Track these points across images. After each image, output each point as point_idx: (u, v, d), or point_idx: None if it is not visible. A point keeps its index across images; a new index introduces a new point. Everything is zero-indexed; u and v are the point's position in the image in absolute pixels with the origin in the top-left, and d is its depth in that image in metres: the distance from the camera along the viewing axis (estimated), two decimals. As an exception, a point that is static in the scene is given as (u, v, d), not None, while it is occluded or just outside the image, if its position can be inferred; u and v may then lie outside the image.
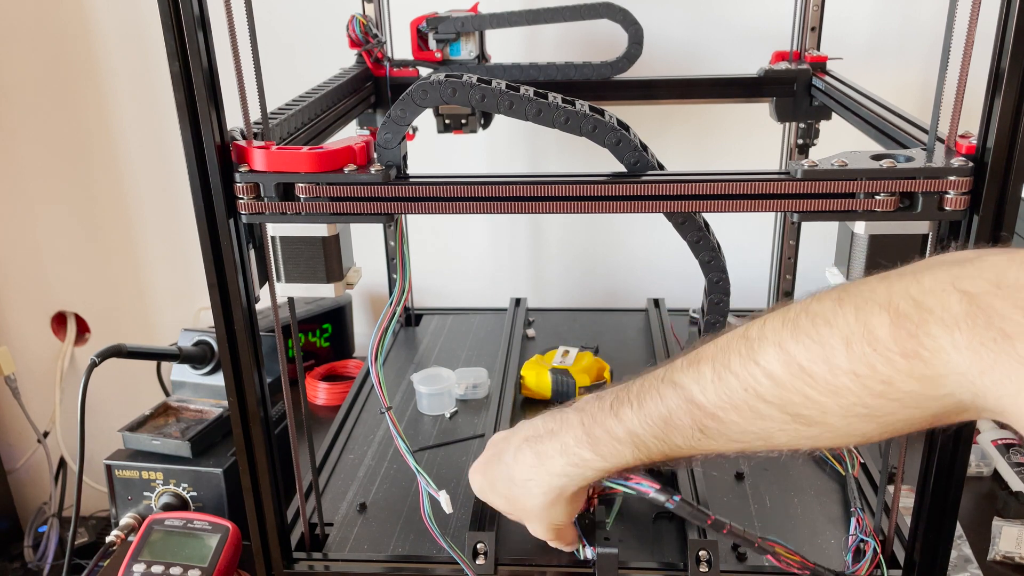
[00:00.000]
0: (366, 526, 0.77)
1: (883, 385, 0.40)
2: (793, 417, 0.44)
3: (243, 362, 0.64)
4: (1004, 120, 0.54)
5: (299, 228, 0.62)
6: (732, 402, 0.46)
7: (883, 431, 0.43)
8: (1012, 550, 0.83)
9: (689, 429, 0.49)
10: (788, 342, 0.43)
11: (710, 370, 0.48)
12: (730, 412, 0.47)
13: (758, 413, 0.45)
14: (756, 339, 0.45)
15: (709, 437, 0.48)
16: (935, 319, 0.38)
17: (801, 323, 0.43)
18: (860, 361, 0.40)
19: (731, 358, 0.46)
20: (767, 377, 0.44)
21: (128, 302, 1.43)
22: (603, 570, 0.67)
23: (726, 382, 0.46)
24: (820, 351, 0.42)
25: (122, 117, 1.31)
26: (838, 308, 0.42)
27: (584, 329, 1.15)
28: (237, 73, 0.58)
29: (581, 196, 0.60)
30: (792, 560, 0.63)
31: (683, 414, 0.49)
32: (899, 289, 0.40)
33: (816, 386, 0.42)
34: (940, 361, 0.38)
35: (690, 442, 0.50)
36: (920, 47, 1.15)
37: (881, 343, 0.40)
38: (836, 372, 0.41)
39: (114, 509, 0.88)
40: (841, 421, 0.43)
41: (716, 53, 1.18)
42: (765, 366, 0.44)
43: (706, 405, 0.48)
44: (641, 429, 0.51)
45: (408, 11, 1.01)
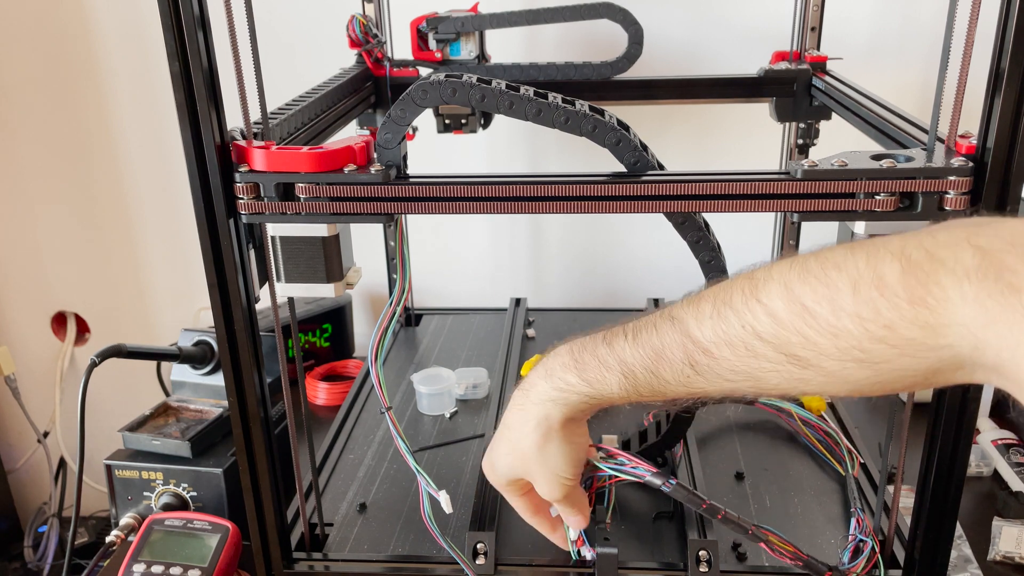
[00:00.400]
0: (366, 526, 0.77)
1: (885, 330, 0.40)
2: (788, 357, 0.44)
3: (243, 362, 0.64)
4: (1004, 120, 0.54)
5: (299, 228, 0.62)
6: (727, 338, 0.46)
7: (875, 379, 0.42)
8: (1012, 550, 0.83)
9: (680, 363, 0.49)
10: (794, 282, 0.43)
11: (710, 306, 0.47)
12: (723, 348, 0.46)
13: (752, 351, 0.45)
14: (761, 279, 0.45)
15: (699, 374, 0.48)
16: (946, 270, 0.38)
17: (810, 265, 0.43)
18: (865, 304, 0.40)
19: (733, 295, 0.46)
20: (767, 315, 0.44)
21: (128, 302, 1.43)
22: (603, 570, 0.67)
23: (724, 317, 0.46)
24: (826, 292, 0.42)
25: (122, 117, 1.31)
26: (849, 254, 0.42)
27: (584, 329, 1.14)
28: (237, 73, 0.58)
29: (581, 196, 0.60)
30: (785, 550, 0.62)
31: (677, 347, 0.49)
32: (914, 242, 0.40)
33: (817, 326, 0.42)
34: (945, 310, 0.38)
35: (679, 377, 0.49)
36: (920, 47, 1.15)
37: (889, 288, 0.40)
38: (839, 313, 0.41)
39: (114, 509, 0.88)
40: (836, 364, 0.42)
41: (716, 53, 1.18)
42: (767, 303, 0.44)
43: (701, 340, 0.47)
44: (632, 358, 0.51)
45: (408, 11, 1.01)
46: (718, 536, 0.70)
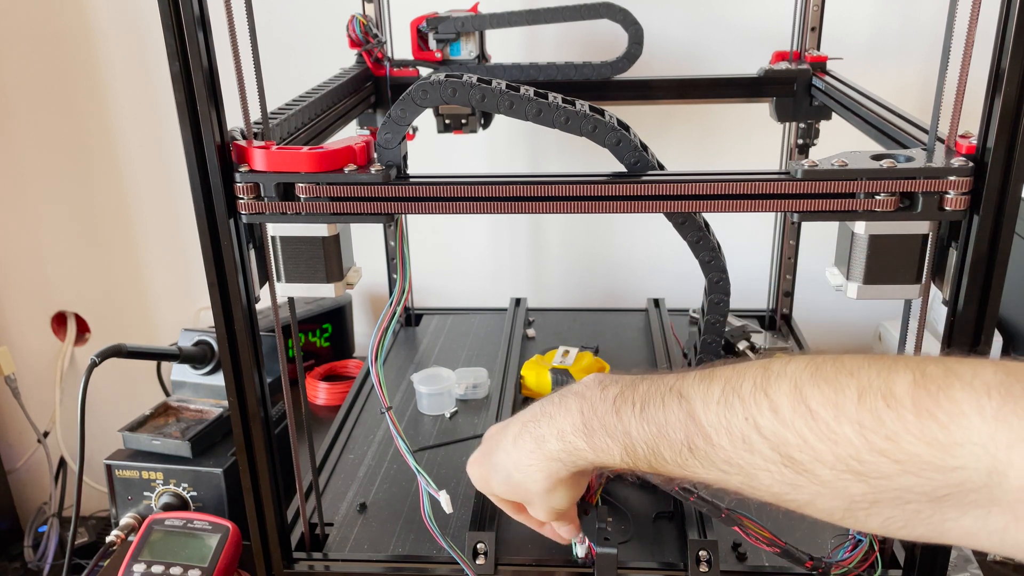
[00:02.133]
0: (366, 526, 0.77)
1: (886, 442, 0.38)
2: (783, 458, 0.42)
3: (243, 362, 0.64)
4: (1004, 120, 0.54)
5: (299, 228, 0.62)
6: (728, 426, 0.45)
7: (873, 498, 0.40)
8: (1012, 550, 0.83)
9: (680, 444, 0.47)
10: (805, 383, 0.42)
11: (719, 390, 0.46)
12: (723, 436, 0.45)
13: (750, 445, 0.44)
14: (775, 373, 0.44)
15: (695, 458, 0.47)
16: (962, 384, 0.36)
17: (825, 369, 0.42)
18: (869, 412, 0.38)
19: (744, 383, 0.45)
20: (771, 410, 0.43)
21: (128, 302, 1.43)
22: (603, 570, 0.67)
23: (731, 404, 0.45)
24: (832, 396, 0.40)
25: (122, 117, 1.31)
26: (866, 363, 0.41)
27: (584, 329, 1.15)
28: (237, 73, 0.58)
29: (581, 196, 0.60)
30: (761, 536, 0.62)
31: (679, 427, 0.47)
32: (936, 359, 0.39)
33: (817, 430, 0.40)
34: (958, 426, 0.36)
35: (677, 459, 0.48)
36: (920, 47, 1.15)
37: (896, 398, 0.38)
38: (840, 419, 0.39)
39: (114, 509, 0.88)
40: (830, 474, 0.40)
41: (716, 53, 1.18)
42: (773, 398, 0.43)
43: (703, 423, 0.46)
44: (636, 432, 0.50)
45: (408, 11, 1.01)
46: (718, 536, 0.70)
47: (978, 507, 0.36)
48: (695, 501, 0.62)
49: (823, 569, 0.65)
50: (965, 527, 0.38)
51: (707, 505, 0.62)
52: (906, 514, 0.39)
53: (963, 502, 0.37)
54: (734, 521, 0.62)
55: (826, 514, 0.43)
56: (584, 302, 1.35)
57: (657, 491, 0.66)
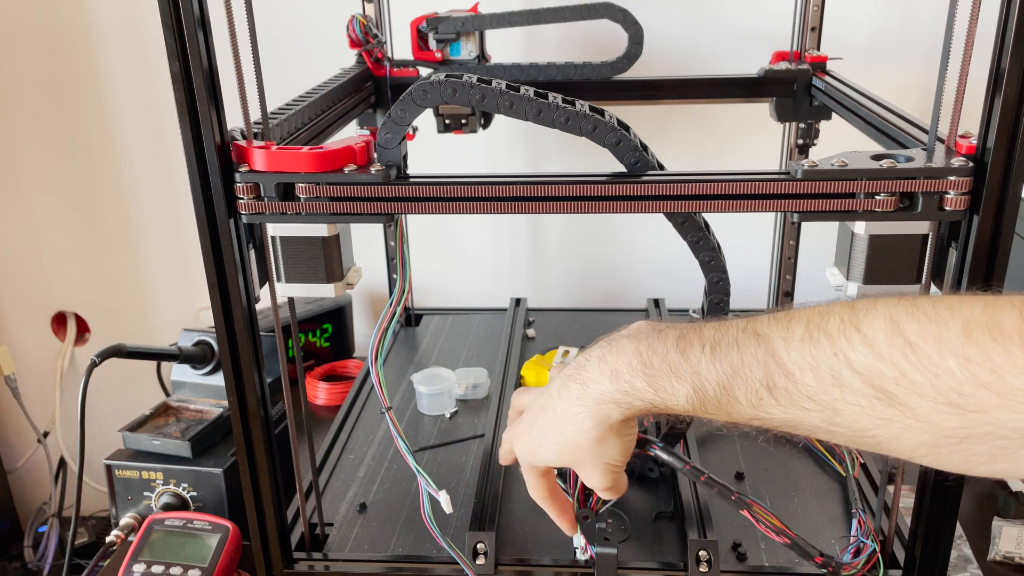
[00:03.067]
0: (366, 526, 0.77)
1: (991, 375, 0.38)
2: (876, 392, 0.41)
3: (243, 362, 0.64)
4: (1004, 120, 0.54)
5: (299, 228, 0.62)
6: (815, 363, 0.44)
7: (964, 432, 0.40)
8: (1012, 550, 0.83)
9: (757, 383, 0.46)
10: (902, 316, 0.41)
11: (802, 329, 0.45)
12: (808, 373, 0.44)
13: (839, 380, 0.43)
14: (864, 308, 0.43)
15: (773, 397, 0.46)
16: None
17: (921, 303, 0.41)
18: (975, 346, 0.38)
19: (830, 321, 0.44)
20: (865, 344, 0.42)
21: (128, 302, 1.43)
22: (603, 570, 0.67)
23: (816, 341, 0.44)
24: (934, 329, 0.40)
25: (122, 117, 1.31)
26: (966, 299, 0.40)
27: (584, 329, 1.15)
28: (237, 73, 0.58)
29: (581, 196, 0.60)
30: (771, 523, 0.61)
31: (757, 365, 0.46)
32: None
33: (918, 363, 0.40)
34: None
35: (751, 398, 0.47)
36: (920, 47, 1.15)
37: (1004, 334, 0.38)
38: (944, 352, 0.39)
39: (114, 509, 0.88)
40: (928, 406, 0.40)
41: (716, 53, 1.18)
42: (867, 333, 0.42)
43: (785, 361, 0.45)
44: (707, 371, 0.48)
45: (408, 11, 1.01)
46: (718, 536, 0.70)
47: None
48: (706, 481, 0.61)
49: (833, 568, 0.64)
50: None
51: (718, 486, 0.61)
52: (992, 450, 0.40)
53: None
54: (744, 505, 0.60)
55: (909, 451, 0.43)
56: (584, 302, 1.35)
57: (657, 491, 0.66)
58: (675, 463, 0.62)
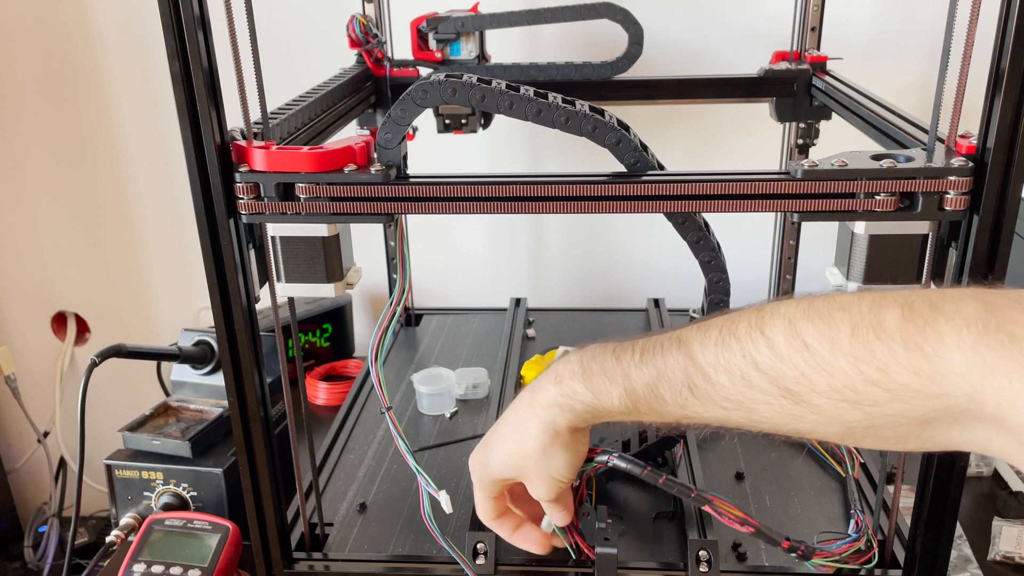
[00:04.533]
0: (366, 526, 0.77)
1: (878, 373, 0.40)
2: (781, 391, 0.44)
3: (243, 362, 0.64)
4: (1004, 120, 0.54)
5: (299, 228, 0.62)
6: (727, 365, 0.47)
7: (867, 423, 0.42)
8: (1012, 550, 0.83)
9: (679, 385, 0.49)
10: (799, 319, 0.44)
11: (716, 333, 0.48)
12: (722, 374, 0.47)
13: (748, 381, 0.46)
14: (769, 312, 0.46)
15: (696, 397, 0.49)
16: (946, 318, 0.39)
17: (817, 305, 0.44)
18: (862, 345, 0.41)
19: (739, 325, 0.47)
20: (768, 347, 0.45)
21: (128, 302, 1.43)
22: (603, 570, 0.67)
23: (727, 344, 0.47)
24: (827, 330, 0.43)
25: (122, 117, 1.31)
26: (856, 300, 0.43)
27: (584, 329, 1.15)
28: (237, 73, 0.58)
29: (581, 196, 0.60)
30: (733, 514, 0.61)
31: (678, 368, 0.49)
32: (921, 294, 0.41)
33: (813, 362, 0.43)
34: (941, 358, 0.38)
35: (676, 399, 0.50)
36: (920, 47, 1.15)
37: (886, 332, 0.40)
38: (835, 352, 0.42)
39: (114, 509, 0.88)
40: (828, 403, 0.43)
41: (716, 53, 1.18)
42: (769, 335, 0.45)
43: (702, 363, 0.48)
44: (635, 374, 0.52)
45: (408, 11, 1.01)
46: (718, 536, 0.70)
47: (962, 424, 0.40)
48: (664, 483, 0.62)
49: (803, 551, 0.64)
50: (952, 439, 0.41)
51: (676, 487, 0.62)
52: (898, 434, 0.43)
53: (949, 421, 0.40)
54: (704, 500, 0.62)
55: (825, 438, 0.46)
56: (584, 302, 1.35)
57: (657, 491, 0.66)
58: (633, 469, 0.63)
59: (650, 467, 0.62)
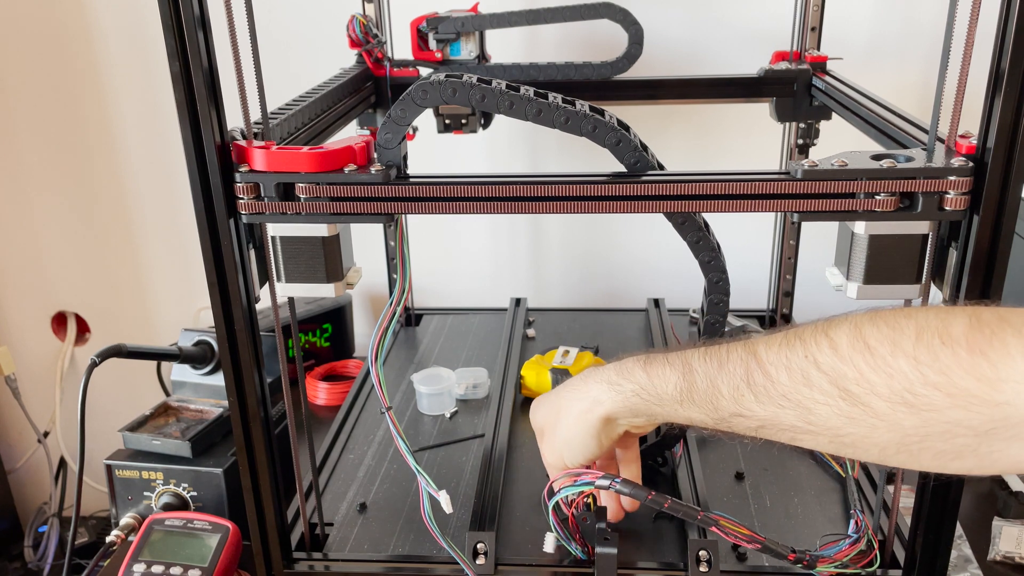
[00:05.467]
0: (366, 526, 0.77)
1: (939, 375, 0.41)
2: (840, 392, 0.45)
3: (243, 362, 0.64)
4: (1004, 120, 0.54)
5: (299, 228, 0.62)
6: (788, 363, 0.48)
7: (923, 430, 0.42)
8: (1012, 550, 0.83)
9: (738, 378, 0.51)
10: (864, 323, 0.45)
11: (782, 336, 0.50)
12: (782, 371, 0.48)
13: (808, 380, 0.47)
14: (837, 319, 0.47)
15: (752, 392, 0.50)
16: (1013, 330, 0.39)
17: (884, 313, 0.45)
18: (925, 349, 0.41)
19: (805, 330, 0.48)
20: (830, 347, 0.46)
21: (128, 302, 1.43)
22: (603, 570, 0.67)
23: (791, 345, 0.48)
24: (890, 333, 0.43)
25: (122, 117, 1.31)
26: (924, 309, 0.44)
27: (584, 329, 1.15)
28: (237, 73, 0.58)
29: (581, 196, 0.60)
30: (740, 533, 0.62)
31: (739, 362, 0.51)
32: (991, 308, 0.42)
33: (874, 363, 0.43)
34: (1006, 365, 0.39)
35: (733, 392, 0.51)
36: (920, 47, 1.15)
37: (951, 338, 0.41)
38: (897, 354, 0.42)
39: (114, 509, 0.88)
40: (885, 406, 0.43)
41: (716, 53, 1.18)
42: (833, 337, 0.46)
43: (763, 359, 0.49)
44: (697, 363, 0.54)
45: (408, 11, 1.01)
46: (718, 536, 0.70)
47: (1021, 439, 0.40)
48: (670, 507, 0.62)
49: (807, 561, 0.65)
50: (1011, 456, 0.41)
51: (682, 509, 0.62)
52: (955, 447, 0.42)
53: (1007, 435, 0.40)
54: (711, 522, 0.62)
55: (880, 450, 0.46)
56: (584, 302, 1.35)
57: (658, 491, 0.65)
58: (637, 494, 0.62)
59: (654, 493, 0.62)
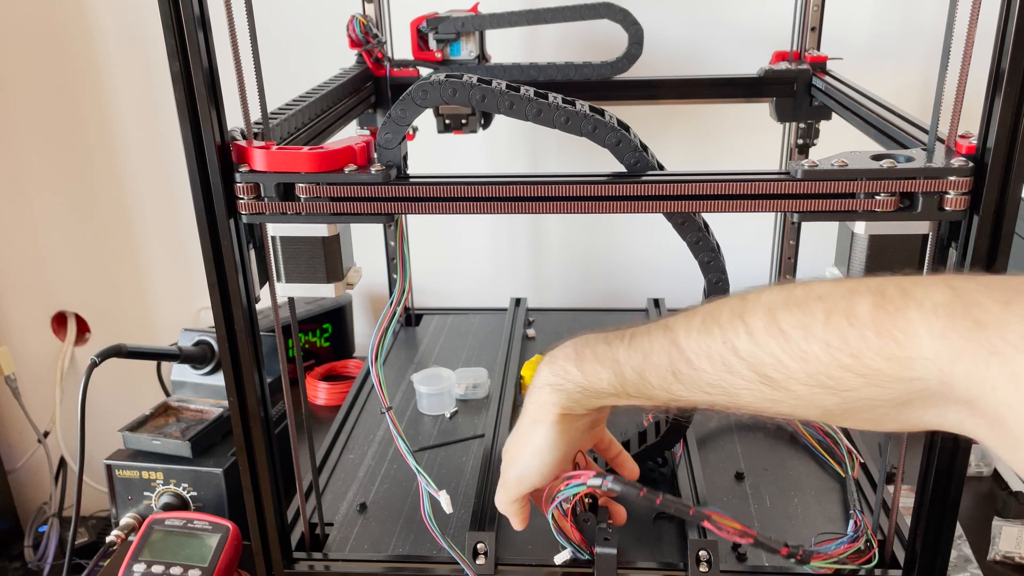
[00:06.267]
0: (366, 526, 0.77)
1: (851, 359, 0.41)
2: (760, 377, 0.45)
3: (243, 362, 0.64)
4: (1004, 120, 0.54)
5: (299, 228, 0.62)
6: (708, 351, 0.48)
7: (844, 407, 0.43)
8: (1012, 550, 0.83)
9: (664, 370, 0.51)
10: (778, 307, 0.45)
11: (700, 320, 0.49)
12: (704, 360, 0.48)
13: (729, 367, 0.47)
14: (751, 300, 0.47)
15: (679, 382, 0.50)
16: (916, 304, 0.40)
17: (796, 294, 0.45)
18: (835, 332, 0.42)
19: (722, 312, 0.48)
20: (747, 333, 0.46)
21: (128, 302, 1.43)
22: (603, 570, 0.67)
23: (710, 332, 0.48)
24: (802, 318, 0.44)
25: (122, 117, 1.31)
26: (834, 288, 0.44)
27: (584, 329, 1.15)
28: (237, 73, 0.58)
29: (581, 196, 0.60)
30: (731, 527, 0.61)
31: (663, 353, 0.51)
32: (894, 281, 0.42)
33: (788, 349, 0.44)
34: (912, 344, 0.39)
35: (662, 383, 0.51)
36: (920, 47, 1.15)
37: (859, 319, 0.41)
38: (809, 339, 0.43)
39: (114, 509, 0.88)
40: (804, 389, 0.44)
41: (716, 53, 1.18)
42: (749, 323, 0.46)
43: (685, 349, 0.49)
44: (624, 358, 0.54)
45: (408, 11, 1.01)
46: (718, 536, 0.70)
47: (936, 406, 0.41)
48: (662, 503, 0.61)
49: (800, 556, 0.64)
50: (927, 420, 0.42)
51: (674, 505, 0.62)
52: (876, 416, 0.44)
53: (923, 404, 0.41)
54: (702, 517, 0.61)
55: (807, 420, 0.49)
56: (584, 302, 1.35)
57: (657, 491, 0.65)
58: (629, 492, 0.62)
59: (646, 489, 0.61)
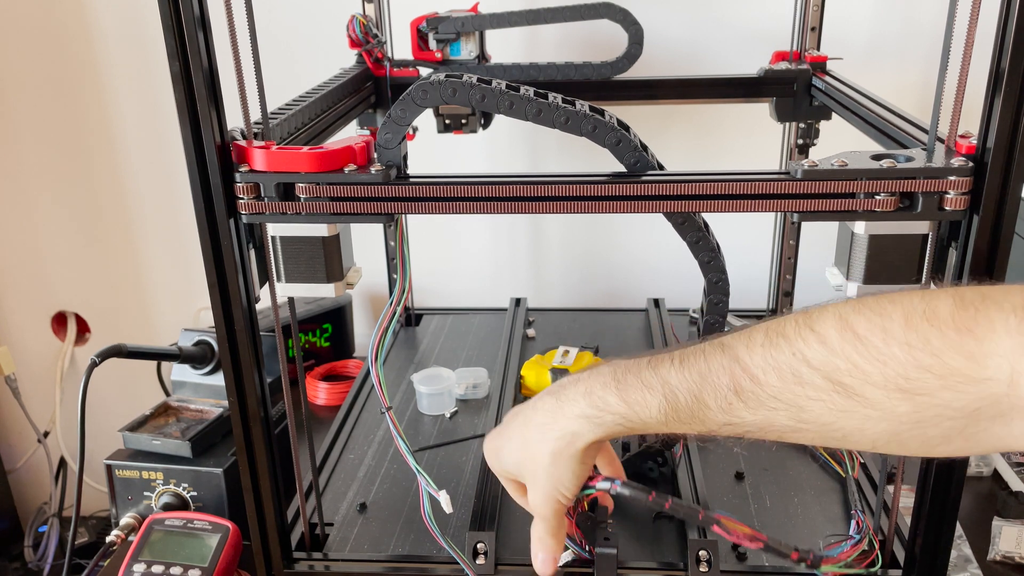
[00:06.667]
0: (366, 526, 0.77)
1: (931, 358, 0.41)
2: (833, 385, 0.44)
3: (243, 362, 0.64)
4: (1004, 120, 0.54)
5: (299, 228, 0.62)
6: (776, 364, 0.46)
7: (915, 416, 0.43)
8: (1012, 550, 0.83)
9: (725, 388, 0.48)
10: (849, 313, 0.45)
11: (762, 335, 0.48)
12: (771, 374, 0.47)
13: (799, 378, 0.46)
14: (816, 312, 0.46)
15: (741, 400, 0.48)
16: (996, 306, 0.40)
17: (867, 300, 0.45)
18: (916, 332, 0.42)
19: (787, 326, 0.47)
20: (819, 342, 0.45)
21: (128, 302, 1.43)
22: (602, 570, 0.67)
23: (776, 345, 0.47)
24: (879, 321, 0.43)
25: (122, 117, 1.31)
26: (907, 293, 0.44)
27: (584, 329, 1.15)
28: (237, 73, 0.58)
29: (581, 196, 0.60)
30: (741, 532, 0.61)
31: (723, 372, 0.49)
32: (972, 287, 0.43)
33: (866, 353, 0.43)
34: (990, 340, 0.40)
35: (721, 403, 0.49)
36: (920, 47, 1.15)
37: (939, 319, 0.41)
38: (889, 341, 0.42)
39: (114, 509, 0.88)
40: (880, 394, 0.43)
41: (716, 53, 1.18)
42: (820, 331, 0.45)
43: (749, 365, 0.48)
44: (676, 381, 0.50)
45: (408, 11, 1.01)
46: (718, 536, 0.70)
47: (1002, 416, 0.41)
48: (671, 508, 0.61)
49: (811, 561, 0.64)
50: (994, 434, 0.42)
51: (683, 510, 0.61)
52: (943, 431, 0.43)
53: (991, 413, 0.41)
54: (711, 521, 0.61)
55: (871, 441, 0.46)
56: (584, 302, 1.35)
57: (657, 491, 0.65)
58: (638, 496, 0.61)
59: (655, 492, 0.61)
